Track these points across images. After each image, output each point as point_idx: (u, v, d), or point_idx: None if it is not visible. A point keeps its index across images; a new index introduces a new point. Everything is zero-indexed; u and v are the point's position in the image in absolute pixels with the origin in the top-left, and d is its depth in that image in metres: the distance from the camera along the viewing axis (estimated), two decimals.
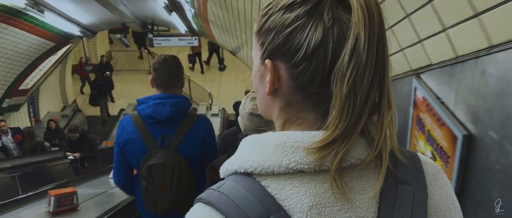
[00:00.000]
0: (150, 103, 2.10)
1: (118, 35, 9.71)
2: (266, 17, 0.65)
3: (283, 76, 0.64)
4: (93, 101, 12.87)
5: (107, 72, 13.40)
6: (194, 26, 9.66)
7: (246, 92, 11.96)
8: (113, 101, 13.95)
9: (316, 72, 0.60)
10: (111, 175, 5.89)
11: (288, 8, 0.62)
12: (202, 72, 15.61)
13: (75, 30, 9.37)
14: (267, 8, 0.66)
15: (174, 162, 2.06)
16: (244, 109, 1.80)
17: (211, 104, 12.84)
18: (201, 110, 12.65)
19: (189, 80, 14.10)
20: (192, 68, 15.59)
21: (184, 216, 0.64)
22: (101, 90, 12.70)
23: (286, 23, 0.62)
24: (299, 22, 0.60)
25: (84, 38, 10.61)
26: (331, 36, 0.59)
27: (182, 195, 2.11)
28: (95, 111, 13.71)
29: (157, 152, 2.07)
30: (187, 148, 2.13)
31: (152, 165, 2.05)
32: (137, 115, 2.14)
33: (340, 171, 0.60)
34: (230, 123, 10.76)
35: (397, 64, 2.50)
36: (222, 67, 11.73)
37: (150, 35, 9.58)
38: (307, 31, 0.60)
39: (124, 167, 2.21)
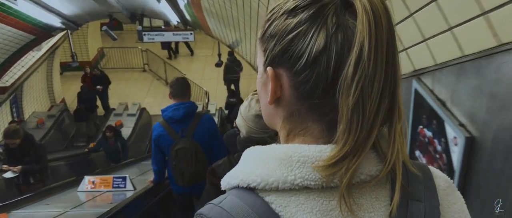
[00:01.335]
0: (170, 110, 3.12)
1: (104, 27, 8.58)
2: (270, 22, 0.60)
3: (285, 85, 0.59)
4: (79, 116, 10.96)
5: (99, 86, 11.53)
6: (187, 17, 8.53)
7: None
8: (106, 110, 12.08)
9: (319, 81, 0.55)
10: (81, 187, 4.84)
11: (291, 13, 0.57)
12: (170, 58, 15.01)
13: (56, 22, 8.23)
14: (271, 13, 0.61)
15: (191, 146, 3.10)
16: (248, 111, 1.76)
17: (207, 104, 11.74)
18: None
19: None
20: (170, 57, 14.84)
21: (201, 186, 0.99)
22: (89, 105, 10.97)
23: (288, 29, 0.57)
24: (301, 28, 0.56)
25: (69, 31, 9.45)
26: (335, 43, 0.54)
27: (199, 168, 3.13)
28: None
29: (179, 140, 3.12)
30: (198, 136, 3.14)
31: (177, 149, 3.10)
32: (162, 120, 3.16)
33: (349, 187, 0.55)
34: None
35: None
36: (218, 64, 10.60)
37: (138, 27, 8.44)
38: (309, 37, 0.55)
39: (159, 156, 3.28)
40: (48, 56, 11.47)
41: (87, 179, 4.58)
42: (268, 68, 0.60)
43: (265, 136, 1.61)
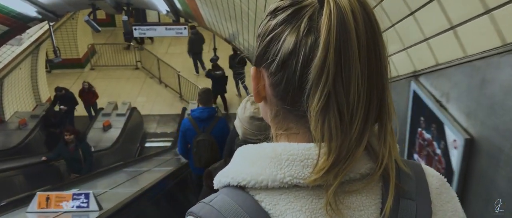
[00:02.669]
0: (197, 111, 4.16)
1: (86, 17, 7.49)
2: (261, 21, 0.60)
3: (266, 85, 0.59)
4: (49, 142, 8.88)
5: (62, 107, 9.52)
6: (178, 5, 7.44)
7: None
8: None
9: (289, 84, 0.55)
10: (31, 207, 3.75)
11: (272, 14, 0.57)
12: (142, 48, 13.77)
13: (31, 11, 7.14)
14: (265, 14, 0.61)
15: (209, 139, 4.04)
16: (244, 113, 1.74)
17: None
18: (192, 109, 10.40)
19: (179, 76, 11.87)
20: (128, 48, 13.66)
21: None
22: (59, 128, 8.89)
23: (268, 30, 0.57)
24: (277, 30, 0.55)
25: (50, 23, 8.36)
26: (304, 46, 0.53)
27: (213, 155, 4.03)
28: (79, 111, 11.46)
29: (201, 134, 4.07)
30: (215, 132, 4.09)
31: (199, 140, 4.05)
32: (190, 117, 4.21)
33: (337, 187, 0.54)
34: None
35: None
36: (214, 59, 9.51)
37: (124, 17, 7.35)
38: (282, 39, 0.54)
39: (184, 144, 4.24)
40: (32, 51, 10.35)
41: (39, 196, 3.47)
42: (252, 68, 0.60)
43: (261, 138, 1.19)
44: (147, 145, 10.45)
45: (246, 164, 0.58)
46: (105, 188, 4.48)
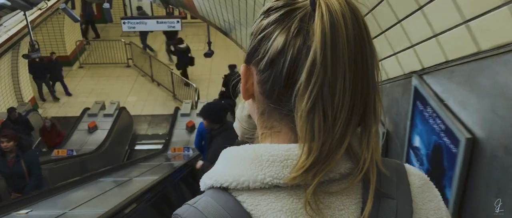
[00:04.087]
0: None
1: (63, 5, 6.46)
2: (255, 20, 0.61)
3: (255, 83, 0.60)
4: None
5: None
6: None
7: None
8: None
9: (275, 83, 0.56)
10: None
11: (266, 13, 0.58)
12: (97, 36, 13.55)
13: None
14: (259, 12, 0.61)
15: None
16: (242, 112, 1.80)
17: (197, 102, 9.62)
18: (185, 109, 9.41)
19: (171, 73, 10.84)
20: (87, 42, 13.23)
21: None
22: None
23: (260, 29, 0.57)
24: (268, 29, 0.56)
25: (26, 13, 7.30)
26: (292, 47, 0.53)
27: None
28: (59, 111, 10.43)
29: None
30: None
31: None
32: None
33: (316, 187, 0.54)
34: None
35: None
36: (208, 54, 8.48)
37: (105, 5, 6.32)
38: (272, 39, 0.55)
39: (200, 140, 4.77)
40: (11, 47, 9.28)
41: None
42: (242, 65, 0.61)
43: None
44: (137, 147, 9.41)
45: (228, 166, 0.58)
46: (64, 208, 3.44)
